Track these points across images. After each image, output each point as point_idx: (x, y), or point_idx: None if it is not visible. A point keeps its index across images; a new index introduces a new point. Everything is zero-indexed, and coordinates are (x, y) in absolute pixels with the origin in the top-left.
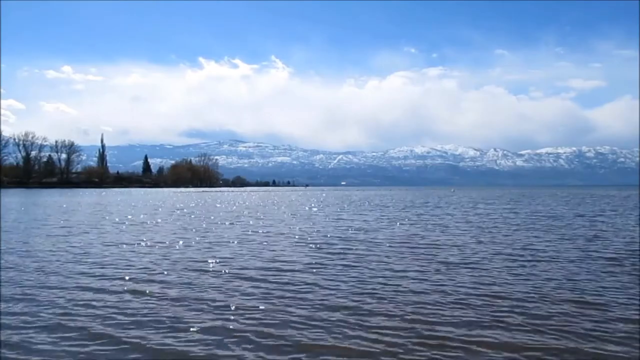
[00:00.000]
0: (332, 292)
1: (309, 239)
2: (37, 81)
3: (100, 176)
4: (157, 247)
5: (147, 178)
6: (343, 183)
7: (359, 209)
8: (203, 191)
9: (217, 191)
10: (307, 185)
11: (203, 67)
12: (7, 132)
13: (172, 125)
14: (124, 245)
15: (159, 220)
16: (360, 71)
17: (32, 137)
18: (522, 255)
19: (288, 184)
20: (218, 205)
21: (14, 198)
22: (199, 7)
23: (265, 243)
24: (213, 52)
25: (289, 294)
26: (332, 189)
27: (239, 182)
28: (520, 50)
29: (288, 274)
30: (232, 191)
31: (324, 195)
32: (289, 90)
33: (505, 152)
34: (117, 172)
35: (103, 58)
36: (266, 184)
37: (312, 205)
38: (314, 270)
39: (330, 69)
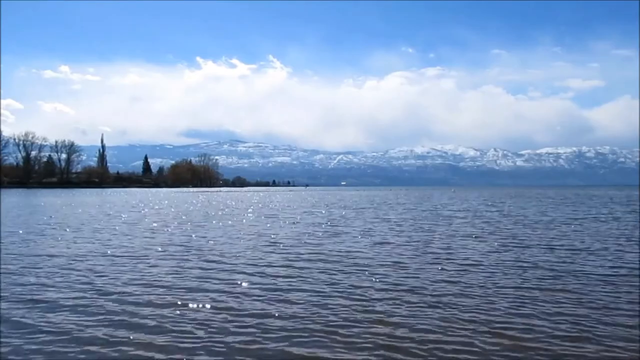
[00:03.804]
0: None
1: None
2: (34, 81)
3: (100, 176)
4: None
5: (147, 178)
6: (343, 183)
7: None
8: (196, 191)
9: (213, 191)
10: (307, 185)
11: (201, 67)
12: (6, 132)
13: (171, 125)
14: None
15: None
16: (358, 71)
17: (32, 137)
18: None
19: (288, 184)
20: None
21: (11, 198)
22: (196, 6)
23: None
24: (210, 52)
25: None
26: (330, 190)
27: (239, 182)
28: (517, 50)
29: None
30: (230, 191)
31: (313, 195)
32: (288, 90)
33: (505, 152)
34: (117, 172)
35: (100, 58)
36: (266, 184)
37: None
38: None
39: (329, 68)
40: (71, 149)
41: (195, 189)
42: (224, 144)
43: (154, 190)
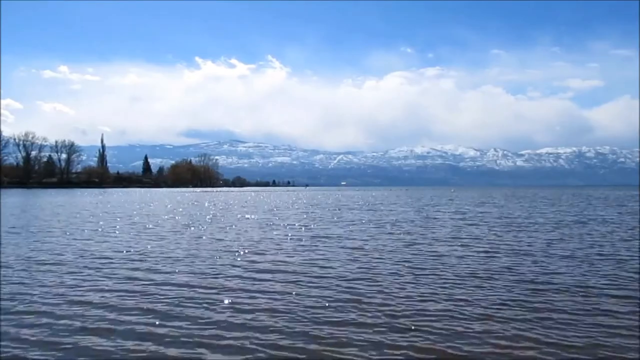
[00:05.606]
0: None
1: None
2: (34, 81)
3: (100, 176)
4: None
5: (147, 178)
6: (343, 183)
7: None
8: (187, 191)
9: (212, 191)
10: (307, 185)
11: (200, 67)
12: (6, 132)
13: (171, 125)
14: None
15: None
16: (357, 71)
17: (32, 137)
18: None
19: (288, 184)
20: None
21: (8, 199)
22: (195, 6)
23: None
24: (210, 52)
25: None
26: (330, 190)
27: (238, 182)
28: (516, 50)
29: None
30: (230, 191)
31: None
32: (287, 90)
33: (505, 152)
34: (117, 172)
35: (100, 58)
36: (266, 184)
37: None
38: None
39: (328, 68)
40: (71, 149)
41: (193, 189)
42: (224, 144)
43: (153, 190)
